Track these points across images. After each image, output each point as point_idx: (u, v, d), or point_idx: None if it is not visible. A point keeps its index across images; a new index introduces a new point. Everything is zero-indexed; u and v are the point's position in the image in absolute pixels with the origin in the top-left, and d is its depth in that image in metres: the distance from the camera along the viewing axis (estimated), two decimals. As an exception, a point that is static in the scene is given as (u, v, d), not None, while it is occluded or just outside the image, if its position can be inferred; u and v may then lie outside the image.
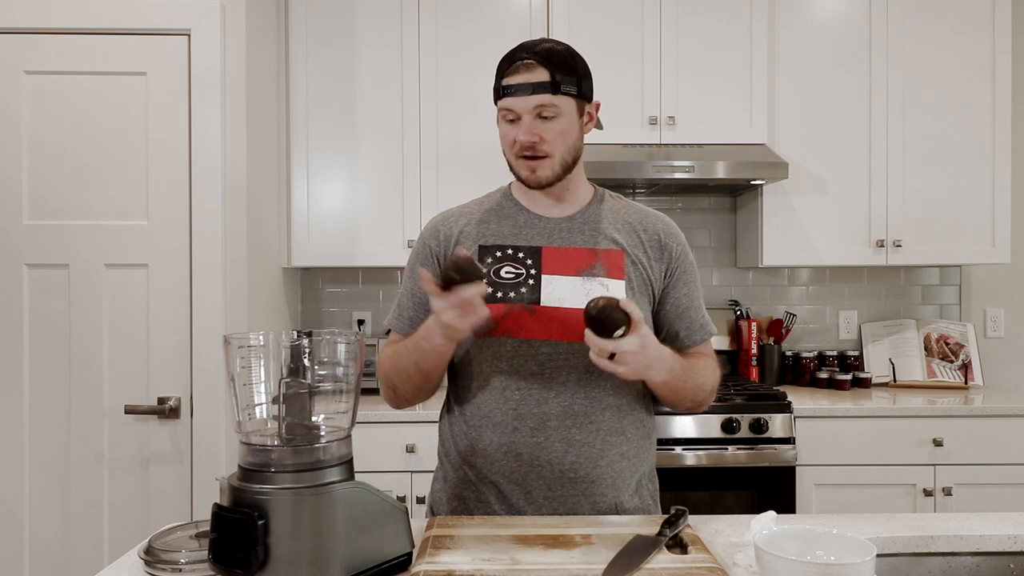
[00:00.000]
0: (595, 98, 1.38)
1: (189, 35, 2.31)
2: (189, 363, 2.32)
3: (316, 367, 1.04)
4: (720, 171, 2.68)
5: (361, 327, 3.18)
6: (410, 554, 1.08)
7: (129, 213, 2.32)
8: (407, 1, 2.83)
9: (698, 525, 1.24)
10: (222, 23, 2.32)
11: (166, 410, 2.30)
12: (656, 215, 1.45)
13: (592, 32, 2.82)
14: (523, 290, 1.33)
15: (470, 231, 1.40)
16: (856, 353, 3.15)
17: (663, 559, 1.05)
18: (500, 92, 1.32)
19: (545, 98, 1.29)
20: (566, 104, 1.31)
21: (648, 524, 1.19)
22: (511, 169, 1.38)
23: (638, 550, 1.07)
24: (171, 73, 2.32)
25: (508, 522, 1.22)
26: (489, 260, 1.36)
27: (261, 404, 1.04)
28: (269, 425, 1.04)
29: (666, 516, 1.18)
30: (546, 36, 2.84)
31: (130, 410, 2.29)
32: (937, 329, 3.15)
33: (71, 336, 2.31)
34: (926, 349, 3.11)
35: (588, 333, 1.15)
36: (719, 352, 3.11)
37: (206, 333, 2.31)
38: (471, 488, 1.37)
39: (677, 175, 2.69)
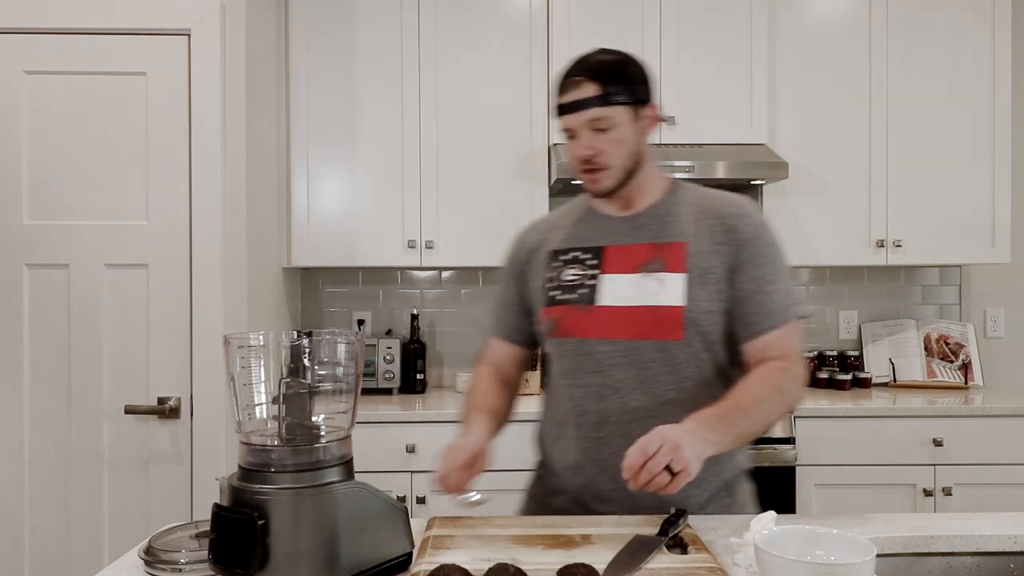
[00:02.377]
0: (654, 99, 1.38)
1: (189, 35, 2.31)
2: (189, 363, 2.32)
3: (316, 367, 1.04)
4: (720, 171, 2.68)
5: (361, 327, 3.18)
6: (410, 554, 1.08)
7: (129, 213, 2.32)
8: (407, 2, 2.83)
9: (698, 525, 1.24)
10: (222, 23, 2.32)
11: (166, 410, 2.29)
12: (727, 198, 1.39)
13: (592, 32, 2.82)
14: (583, 291, 1.36)
15: (548, 237, 1.47)
16: (856, 353, 3.15)
17: (663, 559, 1.05)
18: (558, 110, 1.36)
19: (595, 112, 1.31)
20: (618, 114, 1.32)
21: (648, 524, 1.19)
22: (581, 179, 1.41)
23: (638, 550, 1.07)
24: (171, 73, 2.32)
25: (508, 522, 1.22)
26: (557, 264, 1.41)
27: (261, 404, 1.04)
28: (269, 425, 1.04)
29: (666, 516, 1.18)
30: (618, 49, 2.85)
31: (130, 410, 2.29)
32: (937, 329, 3.15)
33: (71, 336, 2.31)
34: (926, 349, 3.11)
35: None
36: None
37: (206, 333, 2.31)
38: (544, 484, 1.45)
39: (677, 175, 2.69)
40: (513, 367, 1.53)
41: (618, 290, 1.34)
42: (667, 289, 1.32)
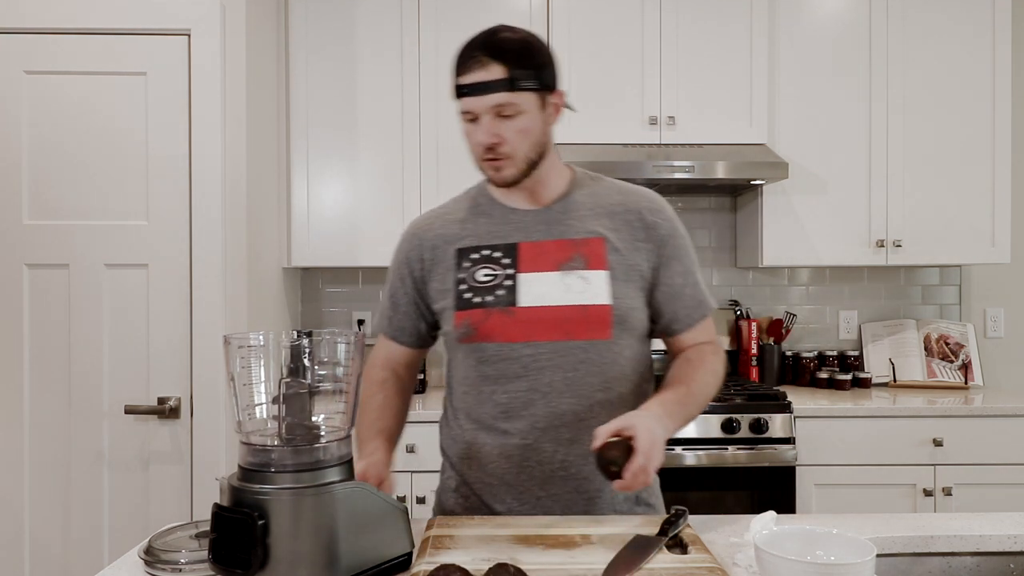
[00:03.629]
0: (560, 86, 1.32)
1: (189, 35, 2.31)
2: (189, 363, 2.32)
3: (316, 367, 1.04)
4: (720, 171, 2.68)
5: (361, 327, 3.18)
6: (410, 554, 1.08)
7: (129, 213, 2.32)
8: (407, 1, 2.83)
9: (698, 525, 1.24)
10: (222, 23, 2.32)
11: (166, 410, 2.30)
12: (638, 192, 1.39)
13: (592, 32, 2.82)
14: (500, 292, 1.29)
15: (446, 233, 1.37)
16: (856, 353, 3.15)
17: (663, 559, 1.05)
18: (456, 91, 1.26)
19: (502, 96, 1.22)
20: (525, 100, 1.24)
21: (648, 524, 1.19)
22: (479, 169, 1.34)
23: (638, 550, 1.07)
24: (171, 73, 2.32)
25: (508, 522, 1.22)
26: (466, 264, 1.33)
27: (261, 404, 1.04)
28: (269, 425, 1.04)
29: (666, 516, 1.18)
30: (519, 27, 2.84)
31: (130, 410, 2.29)
32: (937, 329, 3.15)
33: (71, 336, 2.31)
34: (926, 349, 3.11)
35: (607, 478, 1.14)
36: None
37: (206, 333, 2.31)
38: (468, 487, 1.38)
39: (677, 175, 2.69)
40: (406, 369, 1.47)
41: (539, 289, 1.28)
42: (592, 287, 1.28)
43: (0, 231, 2.31)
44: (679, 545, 1.11)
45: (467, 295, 1.31)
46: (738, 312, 3.15)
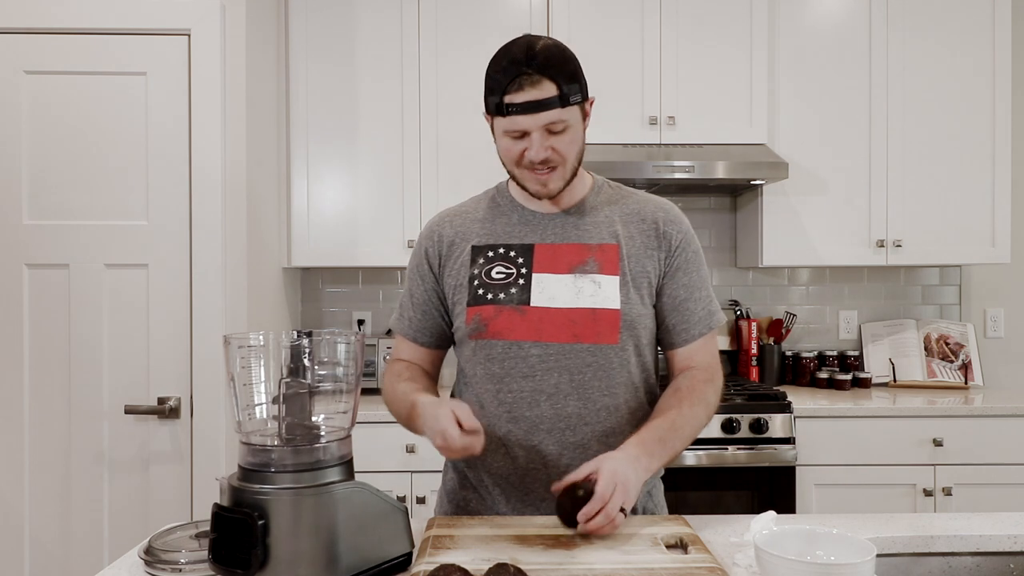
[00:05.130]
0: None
1: (189, 35, 2.31)
2: (189, 363, 2.32)
3: (316, 367, 1.04)
4: (720, 171, 2.68)
5: (361, 327, 3.18)
6: (410, 554, 1.08)
7: (129, 213, 2.32)
8: (407, 1, 2.83)
9: (698, 525, 1.24)
10: (222, 23, 2.32)
11: (166, 410, 2.30)
12: (656, 201, 1.39)
13: (592, 32, 2.82)
14: (513, 290, 1.30)
15: (465, 231, 1.38)
16: (856, 353, 3.14)
17: (663, 559, 1.05)
18: (503, 109, 1.23)
19: (555, 114, 1.22)
20: (573, 114, 1.25)
21: (647, 523, 1.19)
22: (515, 180, 1.34)
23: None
24: (171, 73, 2.32)
25: (508, 522, 1.22)
26: (481, 260, 1.34)
27: (261, 404, 1.04)
28: (269, 425, 1.04)
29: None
30: (541, 34, 2.84)
31: (130, 410, 2.29)
32: (937, 329, 3.15)
33: (71, 336, 2.31)
34: (926, 349, 3.11)
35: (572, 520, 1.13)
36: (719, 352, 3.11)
37: (206, 333, 2.31)
38: (471, 489, 1.37)
39: (677, 175, 2.69)
40: (429, 368, 1.44)
41: (551, 291, 1.29)
42: (603, 291, 1.29)
43: (0, 231, 2.31)
44: (679, 545, 1.11)
45: (480, 291, 1.32)
46: (738, 312, 3.15)
